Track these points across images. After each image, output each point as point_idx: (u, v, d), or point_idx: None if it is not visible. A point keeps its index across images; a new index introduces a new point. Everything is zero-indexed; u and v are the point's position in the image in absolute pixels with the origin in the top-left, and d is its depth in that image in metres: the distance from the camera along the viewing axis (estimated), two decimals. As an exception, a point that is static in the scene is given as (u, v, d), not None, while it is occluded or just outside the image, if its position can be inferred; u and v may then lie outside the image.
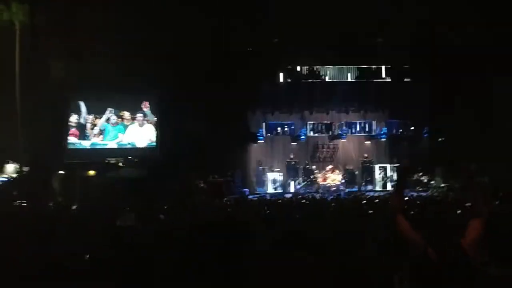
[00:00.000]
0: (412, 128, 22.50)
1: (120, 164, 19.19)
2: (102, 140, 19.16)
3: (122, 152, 19.42)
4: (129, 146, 19.39)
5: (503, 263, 2.74)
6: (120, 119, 19.25)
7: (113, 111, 19.15)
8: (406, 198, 14.05)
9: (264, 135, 21.86)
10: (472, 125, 20.88)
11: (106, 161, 19.02)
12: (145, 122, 19.52)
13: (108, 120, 19.14)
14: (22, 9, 17.11)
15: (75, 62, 17.73)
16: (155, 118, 19.56)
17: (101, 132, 19.13)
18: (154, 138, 19.63)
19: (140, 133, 19.50)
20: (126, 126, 19.40)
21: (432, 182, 21.57)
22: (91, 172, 18.77)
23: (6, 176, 17.03)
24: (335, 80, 21.68)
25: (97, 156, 19.00)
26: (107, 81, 18.14)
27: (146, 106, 19.40)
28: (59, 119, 18.43)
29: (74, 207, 15.21)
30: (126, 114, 19.29)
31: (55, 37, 16.78)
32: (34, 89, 17.09)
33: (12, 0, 17.00)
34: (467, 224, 3.09)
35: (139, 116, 19.41)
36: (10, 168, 17.26)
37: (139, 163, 19.10)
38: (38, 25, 16.72)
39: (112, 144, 19.26)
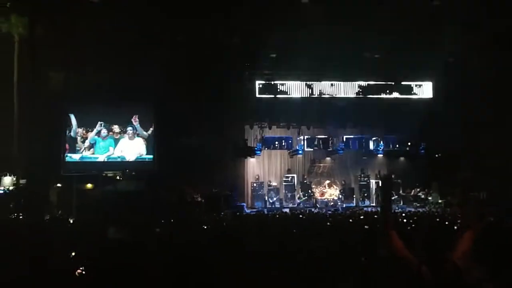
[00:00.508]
0: (409, 144, 22.50)
1: (118, 177, 19.16)
2: (92, 154, 19.08)
3: (119, 165, 19.38)
4: (119, 159, 19.28)
5: (502, 280, 2.69)
6: (110, 133, 19.20)
7: (103, 125, 19.11)
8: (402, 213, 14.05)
9: (261, 149, 21.85)
10: (467, 141, 21.02)
11: (104, 174, 18.97)
12: (135, 136, 19.46)
13: (98, 133, 19.09)
14: (21, 21, 17.23)
15: (70, 75, 17.80)
16: (145, 132, 19.50)
17: (92, 145, 19.06)
18: (144, 152, 19.54)
19: (130, 146, 19.43)
20: (116, 140, 19.34)
21: (429, 198, 21.58)
22: (89, 185, 18.74)
23: (3, 188, 16.99)
24: (332, 96, 21.67)
25: (95, 169, 18.96)
26: (100, 94, 18.19)
27: (135, 120, 19.37)
28: (55, 131, 18.41)
29: (71, 220, 15.21)
30: (116, 128, 19.24)
31: (51, 50, 16.85)
32: (31, 102, 17.13)
33: (12, 12, 17.12)
34: (457, 237, 3.06)
35: (129, 129, 19.36)
36: (7, 181, 17.22)
37: (136, 176, 19.06)
38: (36, 37, 16.79)
39: (102, 158, 19.19)
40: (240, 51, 18.30)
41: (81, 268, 4.62)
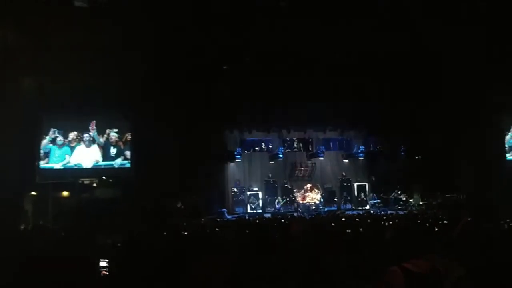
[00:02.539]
0: (389, 146, 22.55)
1: (94, 184, 18.81)
2: (46, 163, 18.53)
3: (96, 172, 19.03)
4: (75, 167, 18.80)
5: (478, 278, 2.62)
6: (66, 140, 18.70)
7: (56, 132, 18.60)
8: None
9: (241, 154, 21.69)
10: (446, 144, 21.16)
11: (80, 181, 18.60)
12: (91, 143, 19.03)
13: (53, 141, 18.58)
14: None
15: (44, 81, 17.39)
16: (102, 140, 19.08)
17: (46, 154, 18.51)
18: (100, 159, 19.05)
19: (87, 154, 18.97)
20: (72, 148, 18.85)
21: (410, 200, 21.66)
22: (65, 193, 18.38)
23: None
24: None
25: (71, 176, 18.55)
26: (75, 101, 17.80)
27: (92, 128, 18.95)
28: (29, 138, 17.91)
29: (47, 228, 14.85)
30: (72, 135, 18.77)
31: (24, 55, 16.42)
32: (3, 107, 16.68)
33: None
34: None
35: (86, 136, 18.90)
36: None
37: (113, 183, 18.73)
38: (7, 42, 16.37)
39: (58, 166, 18.71)
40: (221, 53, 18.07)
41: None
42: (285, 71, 18.19)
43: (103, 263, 5.23)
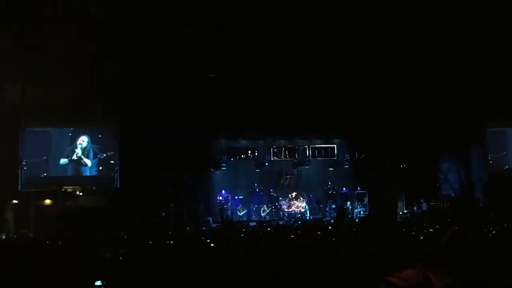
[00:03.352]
0: (374, 154, 22.64)
1: (78, 192, 18.60)
2: None
3: (80, 180, 18.84)
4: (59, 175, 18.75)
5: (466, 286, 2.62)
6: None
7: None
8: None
9: (227, 162, 21.60)
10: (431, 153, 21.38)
11: (63, 189, 18.38)
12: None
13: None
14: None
15: (27, 89, 17.19)
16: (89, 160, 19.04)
17: None
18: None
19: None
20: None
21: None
22: (47, 201, 18.14)
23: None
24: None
25: (54, 184, 18.34)
26: (59, 111, 17.64)
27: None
28: (11, 147, 17.63)
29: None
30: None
31: (7, 62, 16.17)
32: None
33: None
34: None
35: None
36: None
37: (97, 192, 18.55)
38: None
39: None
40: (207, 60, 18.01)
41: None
42: (271, 78, 18.25)
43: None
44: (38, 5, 15.05)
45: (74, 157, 18.55)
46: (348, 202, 22.34)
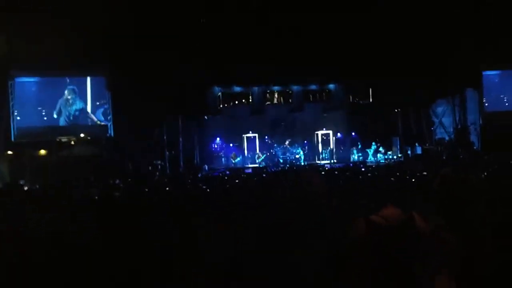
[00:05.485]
0: (369, 99, 22.47)
1: (72, 142, 18.54)
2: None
3: (74, 130, 18.76)
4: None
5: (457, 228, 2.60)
6: None
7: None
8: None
9: (222, 108, 21.43)
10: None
11: (58, 139, 18.32)
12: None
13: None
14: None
15: (15, 39, 16.75)
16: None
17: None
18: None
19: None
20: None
21: (389, 152, 21.89)
22: (42, 152, 18.10)
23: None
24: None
25: (48, 134, 18.27)
26: (47, 61, 17.28)
27: None
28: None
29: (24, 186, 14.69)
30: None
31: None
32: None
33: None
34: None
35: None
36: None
37: (91, 141, 18.50)
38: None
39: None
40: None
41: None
42: (265, 21, 17.85)
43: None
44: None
45: (65, 107, 18.49)
46: (342, 147, 22.40)
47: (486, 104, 22.03)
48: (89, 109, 19.18)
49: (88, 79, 19.22)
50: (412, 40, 18.76)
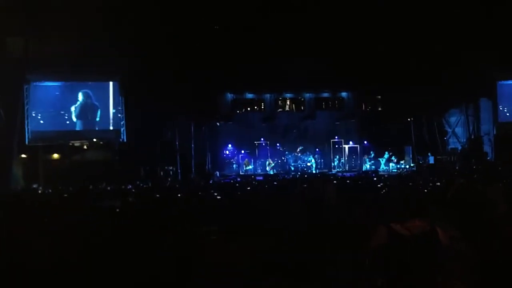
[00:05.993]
0: (382, 107, 22.41)
1: (85, 147, 18.70)
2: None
3: (87, 134, 18.91)
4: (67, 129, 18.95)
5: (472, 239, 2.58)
6: None
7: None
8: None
9: (234, 115, 21.48)
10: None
11: (71, 143, 18.48)
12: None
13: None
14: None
15: (30, 42, 16.96)
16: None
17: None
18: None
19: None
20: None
21: (401, 162, 21.76)
22: (55, 156, 18.27)
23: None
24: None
25: (62, 138, 18.43)
26: (62, 64, 17.46)
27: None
28: (13, 100, 17.60)
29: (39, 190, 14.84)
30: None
31: (9, 15, 15.89)
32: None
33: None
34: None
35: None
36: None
37: (104, 146, 18.63)
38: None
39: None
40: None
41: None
42: (278, 29, 17.87)
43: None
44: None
45: (79, 112, 18.66)
46: (354, 156, 22.30)
47: (500, 115, 21.81)
48: (111, 114, 19.23)
49: (111, 84, 19.27)
50: (426, 49, 18.69)
